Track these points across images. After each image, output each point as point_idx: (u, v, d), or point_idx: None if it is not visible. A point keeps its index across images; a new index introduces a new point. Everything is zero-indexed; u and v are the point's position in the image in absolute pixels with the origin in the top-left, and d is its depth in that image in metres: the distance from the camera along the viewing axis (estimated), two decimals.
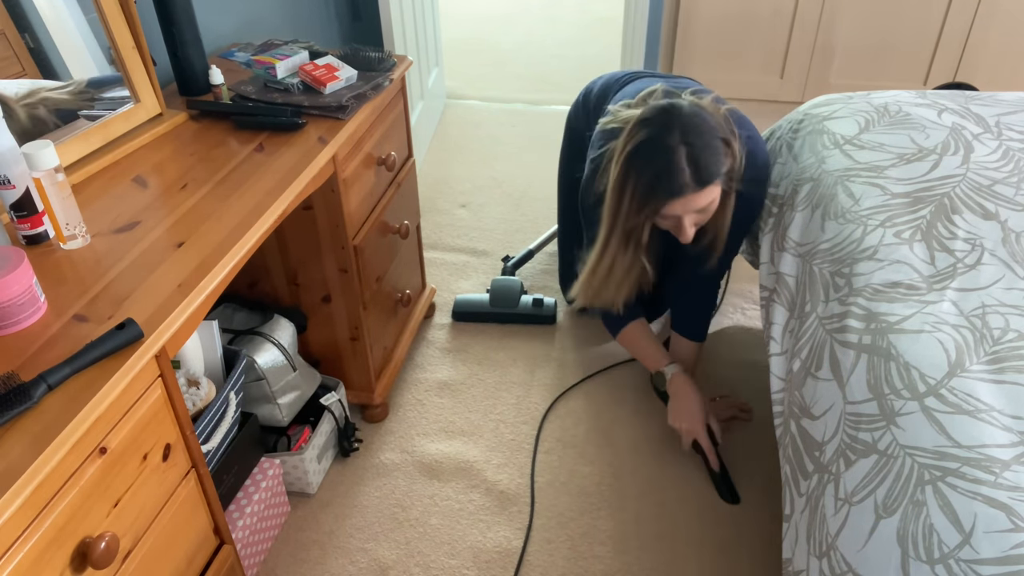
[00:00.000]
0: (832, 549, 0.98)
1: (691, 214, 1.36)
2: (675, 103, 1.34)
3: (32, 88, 1.21)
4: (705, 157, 1.30)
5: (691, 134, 1.30)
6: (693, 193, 1.32)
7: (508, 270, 2.22)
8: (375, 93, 1.54)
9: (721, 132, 1.34)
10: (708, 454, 1.59)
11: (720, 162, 1.33)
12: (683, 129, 1.30)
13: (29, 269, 0.91)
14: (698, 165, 1.30)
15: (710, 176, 1.31)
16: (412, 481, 1.64)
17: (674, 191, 1.31)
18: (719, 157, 1.32)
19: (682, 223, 1.38)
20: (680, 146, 1.29)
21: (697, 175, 1.30)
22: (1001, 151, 1.38)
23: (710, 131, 1.32)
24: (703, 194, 1.33)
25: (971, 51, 2.77)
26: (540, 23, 4.32)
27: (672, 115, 1.31)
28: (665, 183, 1.31)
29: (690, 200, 1.33)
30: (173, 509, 1.01)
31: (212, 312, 1.61)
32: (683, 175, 1.30)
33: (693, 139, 1.30)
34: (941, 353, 1.04)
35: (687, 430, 1.62)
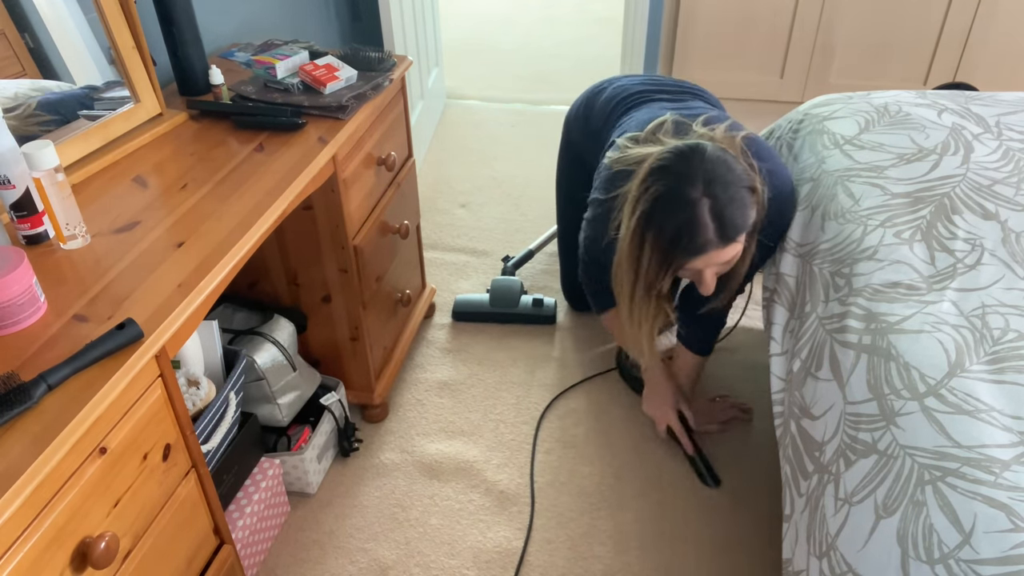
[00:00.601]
0: (832, 549, 0.98)
1: (713, 267, 1.28)
2: (695, 147, 1.22)
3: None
4: (730, 211, 1.19)
5: (715, 185, 1.18)
6: (716, 250, 1.22)
7: (508, 270, 2.22)
8: (375, 93, 1.54)
9: (747, 180, 1.22)
10: (681, 438, 1.62)
11: (746, 215, 1.21)
12: (706, 179, 1.18)
13: (29, 269, 0.91)
14: (723, 220, 1.19)
15: (736, 231, 1.21)
16: (412, 481, 1.64)
17: (697, 249, 1.21)
18: (745, 210, 1.21)
19: (703, 276, 1.29)
20: (703, 199, 1.18)
21: (722, 231, 1.20)
22: (1001, 151, 1.38)
23: (735, 180, 1.20)
24: (728, 250, 1.23)
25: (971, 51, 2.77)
26: (540, 23, 4.32)
27: (693, 163, 1.19)
28: (687, 241, 1.20)
29: (713, 256, 1.23)
30: (173, 509, 1.01)
31: (212, 312, 1.61)
32: (706, 231, 1.19)
33: (717, 191, 1.18)
34: (941, 353, 1.04)
35: (659, 417, 1.64)
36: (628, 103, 1.60)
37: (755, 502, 1.57)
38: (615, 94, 1.65)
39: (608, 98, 1.66)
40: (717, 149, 1.22)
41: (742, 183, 1.21)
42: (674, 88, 1.63)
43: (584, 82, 3.50)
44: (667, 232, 1.21)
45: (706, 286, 1.30)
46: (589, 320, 2.08)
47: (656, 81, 1.67)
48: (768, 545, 1.48)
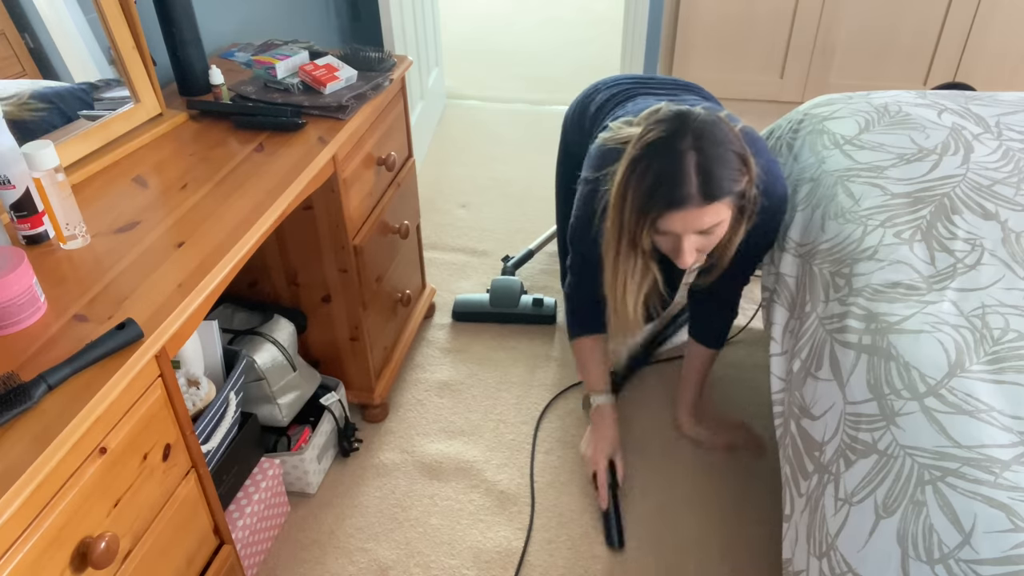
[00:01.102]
0: (832, 549, 0.98)
1: (693, 235, 1.20)
2: (689, 109, 1.20)
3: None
4: (717, 169, 1.15)
5: (703, 140, 1.15)
6: (697, 207, 1.16)
7: (508, 270, 2.22)
8: (375, 93, 1.54)
9: (738, 147, 1.19)
10: (600, 490, 1.54)
11: (733, 178, 1.17)
12: (696, 134, 1.15)
13: (29, 269, 0.91)
14: (707, 176, 1.14)
15: (719, 190, 1.15)
16: (412, 481, 1.64)
17: (675, 200, 1.16)
18: (732, 172, 1.17)
19: (681, 244, 1.21)
20: (690, 151, 1.14)
21: (705, 187, 1.15)
22: (1001, 151, 1.38)
23: (725, 142, 1.17)
24: (708, 211, 1.17)
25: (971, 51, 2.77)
26: (540, 23, 4.32)
27: (686, 119, 1.17)
28: (667, 189, 1.15)
29: (692, 215, 1.16)
30: (173, 509, 1.01)
31: (212, 312, 1.61)
32: (689, 184, 1.14)
33: (705, 146, 1.15)
34: (941, 353, 1.04)
35: (591, 460, 1.58)
36: (620, 98, 1.58)
37: (755, 502, 1.57)
38: (608, 94, 1.64)
39: (601, 99, 1.65)
40: (712, 114, 1.20)
41: (732, 147, 1.18)
42: (669, 84, 1.62)
43: (584, 82, 3.50)
44: (649, 177, 1.17)
45: (683, 258, 1.22)
46: None
47: (650, 78, 1.66)
48: (768, 545, 1.48)
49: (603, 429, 1.60)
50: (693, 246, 1.22)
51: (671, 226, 1.19)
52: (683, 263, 1.23)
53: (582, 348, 1.64)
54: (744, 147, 1.21)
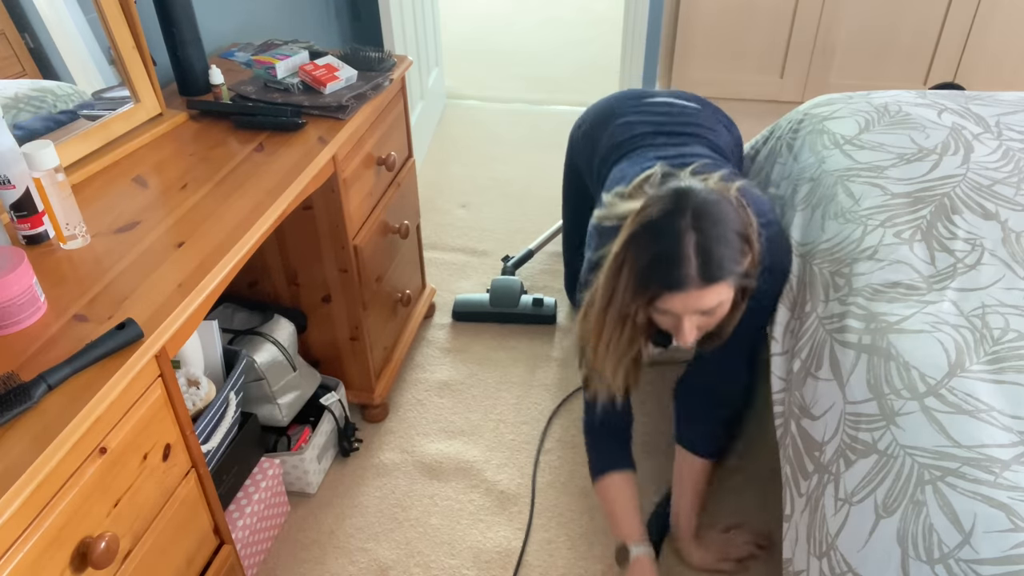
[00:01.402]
0: (832, 549, 0.98)
1: (693, 315, 1.15)
2: (689, 186, 1.15)
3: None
4: (718, 250, 1.10)
5: (703, 220, 1.10)
6: (697, 289, 1.10)
7: (508, 270, 2.22)
8: (375, 93, 1.54)
9: (740, 226, 1.14)
10: None
11: (735, 259, 1.12)
12: (696, 213, 1.10)
13: (29, 269, 0.91)
14: (708, 257, 1.09)
15: (720, 273, 1.10)
16: (412, 481, 1.64)
17: (674, 282, 1.10)
18: (734, 253, 1.12)
19: (682, 324, 1.16)
20: (690, 231, 1.09)
21: (705, 269, 1.09)
22: (1001, 151, 1.38)
23: (726, 221, 1.12)
24: (709, 293, 1.11)
25: (971, 51, 2.77)
26: (540, 23, 4.32)
27: (686, 197, 1.12)
28: (664, 270, 1.11)
29: (692, 297, 1.11)
30: (173, 509, 1.01)
31: (212, 312, 1.61)
32: (688, 265, 1.09)
33: (705, 226, 1.10)
34: (941, 353, 1.04)
35: None
36: (624, 148, 1.51)
37: (755, 502, 1.57)
38: (617, 135, 1.56)
39: (611, 135, 1.58)
40: (712, 191, 1.15)
41: (733, 226, 1.13)
42: (679, 126, 1.53)
43: (584, 82, 3.50)
44: (646, 256, 1.12)
45: (684, 337, 1.17)
46: None
47: (661, 117, 1.56)
48: (769, 545, 1.48)
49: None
50: (693, 325, 1.16)
51: (671, 306, 1.14)
52: (685, 342, 1.18)
53: (609, 488, 1.40)
54: (748, 223, 1.16)
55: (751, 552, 1.45)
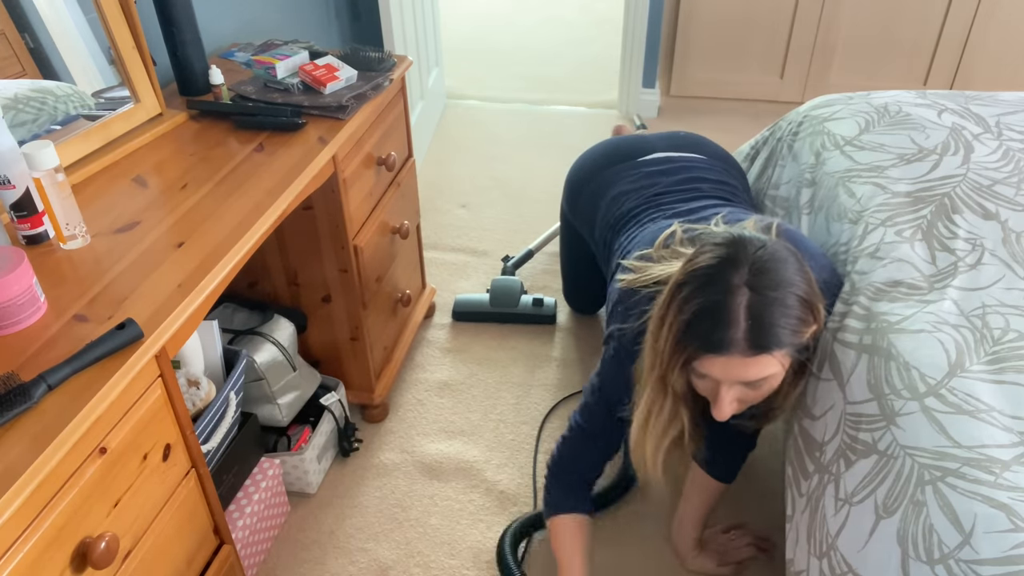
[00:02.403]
0: (832, 549, 0.98)
1: (734, 385, 1.01)
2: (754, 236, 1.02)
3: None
4: (773, 315, 0.96)
5: (763, 278, 0.96)
6: (742, 356, 0.96)
7: (508, 270, 2.22)
8: (375, 93, 1.54)
9: (803, 288, 0.99)
10: None
11: (793, 329, 0.98)
12: (755, 269, 0.97)
13: (29, 269, 0.91)
14: (759, 322, 0.95)
15: (772, 341, 0.96)
16: (412, 481, 1.64)
17: (716, 343, 0.97)
18: (793, 322, 0.97)
19: (720, 392, 1.02)
20: (743, 288, 0.96)
21: (754, 334, 0.95)
22: (1001, 151, 1.38)
23: (789, 284, 0.97)
24: (756, 363, 0.97)
25: (971, 51, 2.77)
26: (540, 23, 4.32)
27: (745, 247, 0.99)
28: (708, 328, 0.97)
29: (736, 364, 0.97)
30: (173, 509, 1.01)
31: (212, 312, 1.61)
32: (735, 327, 0.95)
33: (764, 286, 0.96)
34: (941, 353, 1.04)
35: None
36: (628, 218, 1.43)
37: (756, 502, 1.57)
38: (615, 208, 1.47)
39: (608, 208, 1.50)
40: (776, 244, 1.01)
41: (796, 290, 0.98)
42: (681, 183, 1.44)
43: (584, 82, 3.50)
44: (691, 309, 0.98)
45: (720, 409, 1.03)
46: (589, 320, 2.08)
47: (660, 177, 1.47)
48: (770, 547, 1.48)
49: None
50: (734, 396, 1.02)
51: (709, 370, 1.00)
52: (719, 415, 1.04)
53: (563, 529, 1.30)
54: (812, 289, 1.01)
55: (751, 554, 1.44)
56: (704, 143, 1.59)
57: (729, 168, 1.55)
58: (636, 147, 1.57)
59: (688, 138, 1.59)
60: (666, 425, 1.12)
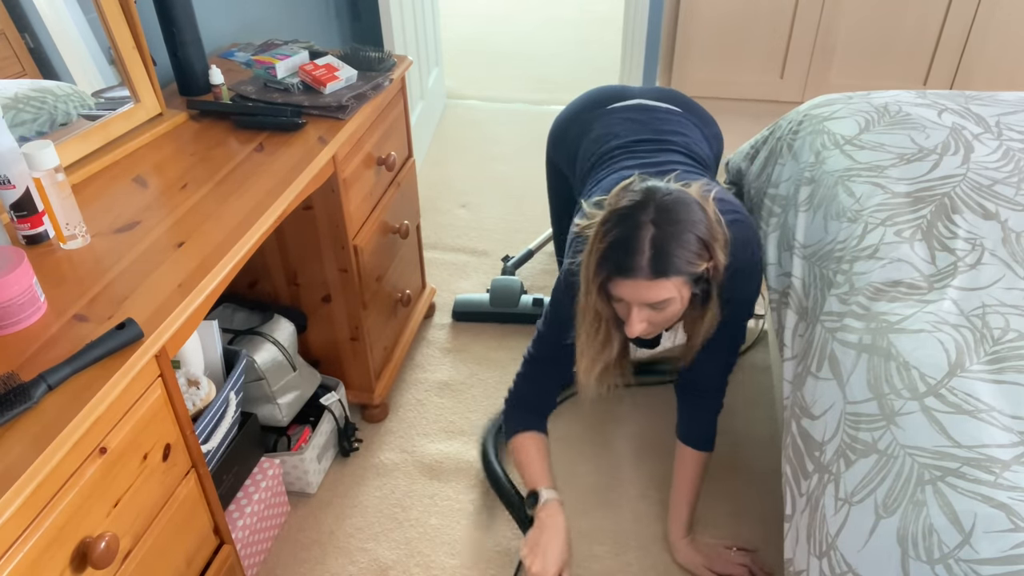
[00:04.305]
0: (832, 549, 0.98)
1: (642, 307, 1.20)
2: (663, 185, 1.22)
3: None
4: (671, 247, 1.15)
5: (665, 217, 1.16)
6: (645, 280, 1.16)
7: (508, 270, 2.22)
8: (375, 93, 1.54)
9: (703, 231, 1.18)
10: None
11: (687, 260, 1.16)
12: (659, 209, 1.17)
13: (29, 269, 0.91)
14: (659, 252, 1.15)
15: (669, 269, 1.15)
16: (412, 481, 1.64)
17: (624, 268, 1.17)
18: (687, 254, 1.16)
19: (630, 313, 1.21)
20: (648, 225, 1.16)
21: (654, 262, 1.15)
22: (1001, 151, 1.38)
23: (689, 224, 1.17)
24: (657, 286, 1.16)
25: (971, 51, 2.77)
26: (540, 23, 4.32)
27: (654, 194, 1.19)
28: (618, 255, 1.17)
29: (641, 287, 1.17)
30: (173, 509, 1.01)
31: (212, 312, 1.61)
32: (640, 256, 1.15)
33: (665, 223, 1.16)
34: (941, 353, 1.04)
35: (536, 573, 1.33)
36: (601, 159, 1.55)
37: (755, 502, 1.57)
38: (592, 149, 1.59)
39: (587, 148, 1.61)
40: (684, 193, 1.20)
41: (695, 230, 1.17)
42: (654, 134, 1.55)
43: (584, 82, 3.50)
44: (607, 240, 1.19)
45: (631, 327, 1.22)
46: None
47: (636, 125, 1.58)
48: (769, 545, 1.48)
49: (553, 535, 1.37)
50: (642, 317, 1.21)
51: (620, 293, 1.20)
52: (629, 332, 1.23)
53: (522, 444, 1.49)
54: (714, 234, 1.20)
55: (740, 574, 1.41)
56: (682, 98, 1.71)
57: (701, 124, 1.66)
58: (621, 94, 1.71)
59: (670, 92, 1.72)
60: (600, 346, 1.32)
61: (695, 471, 1.48)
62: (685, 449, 1.49)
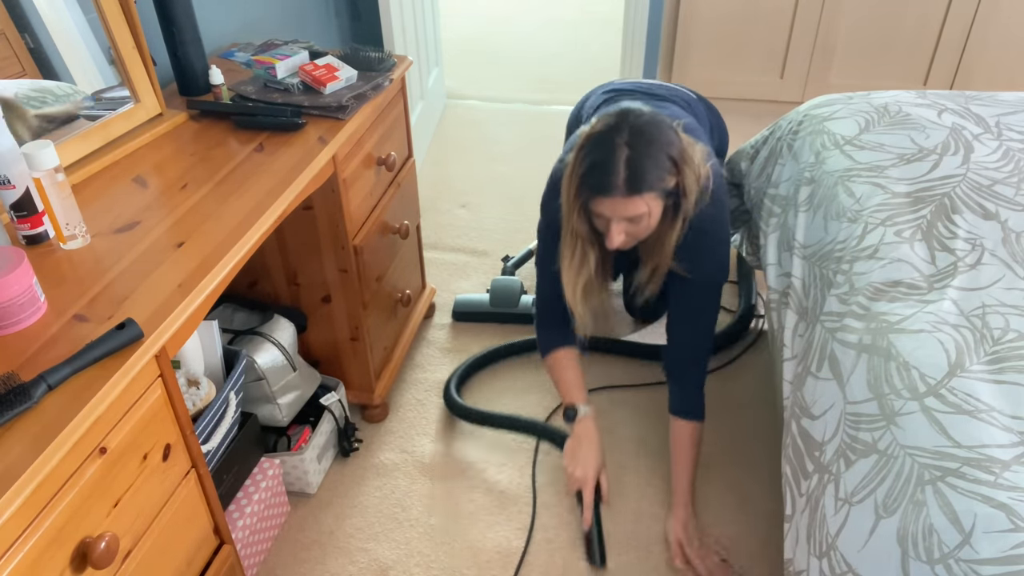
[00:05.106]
0: (832, 549, 0.98)
1: (620, 221, 1.31)
2: (636, 108, 1.30)
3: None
4: (644, 165, 1.25)
5: (638, 138, 1.26)
6: (622, 197, 1.26)
7: (508, 270, 2.22)
8: (375, 93, 1.54)
9: (675, 151, 1.28)
10: (585, 511, 1.48)
11: (659, 176, 1.27)
12: (632, 131, 1.26)
13: (29, 269, 0.91)
14: (633, 170, 1.25)
15: (640, 185, 1.25)
16: (412, 481, 1.64)
17: (602, 188, 1.27)
18: (660, 172, 1.26)
19: (610, 228, 1.32)
20: (623, 146, 1.26)
21: (629, 180, 1.25)
22: (1001, 151, 1.38)
23: (661, 144, 1.27)
24: (633, 202, 1.27)
25: (971, 51, 2.77)
26: (540, 23, 4.32)
27: (627, 116, 1.28)
28: (596, 177, 1.28)
29: (619, 203, 1.27)
30: (173, 509, 1.01)
31: (212, 312, 1.61)
32: (616, 176, 1.25)
33: (638, 144, 1.25)
34: (941, 353, 1.04)
35: (578, 478, 1.50)
36: (606, 99, 1.66)
37: (755, 502, 1.57)
38: (596, 102, 1.70)
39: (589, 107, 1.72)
40: (658, 115, 1.29)
41: (667, 149, 1.27)
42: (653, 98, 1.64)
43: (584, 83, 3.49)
44: (585, 164, 1.29)
45: (611, 239, 1.33)
46: None
47: (637, 85, 1.70)
48: (768, 545, 1.48)
49: (589, 444, 1.53)
50: (621, 230, 1.32)
51: (600, 210, 1.31)
52: (610, 244, 1.34)
53: (556, 361, 1.62)
54: (684, 153, 1.30)
55: (707, 570, 1.42)
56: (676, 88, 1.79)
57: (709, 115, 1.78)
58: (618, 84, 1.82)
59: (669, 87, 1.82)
60: (579, 264, 1.44)
61: (690, 441, 1.54)
62: (677, 421, 1.55)
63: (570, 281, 1.46)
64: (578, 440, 1.54)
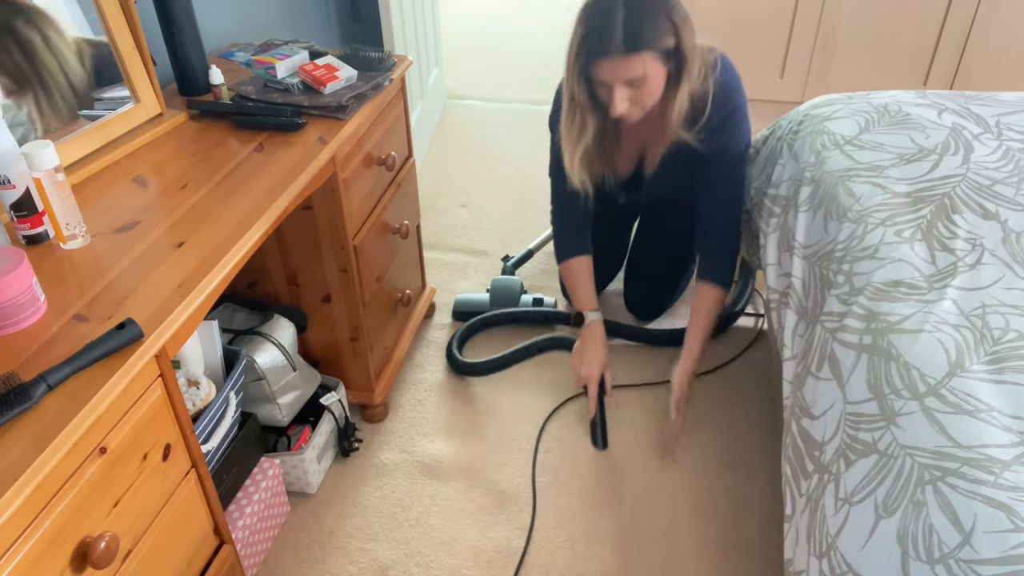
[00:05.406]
0: (832, 549, 0.98)
1: (622, 85, 1.35)
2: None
3: None
4: (641, 23, 1.29)
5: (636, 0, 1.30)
6: (620, 57, 1.30)
7: (508, 270, 2.22)
8: (375, 93, 1.54)
9: (673, 13, 1.32)
10: (591, 402, 1.69)
11: (656, 34, 1.31)
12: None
13: (29, 269, 0.91)
14: (630, 29, 1.29)
15: (638, 43, 1.30)
16: (412, 481, 1.64)
17: (601, 50, 1.31)
18: (656, 30, 1.31)
19: (613, 93, 1.36)
20: (620, 8, 1.30)
21: (627, 40, 1.29)
22: (1001, 151, 1.38)
23: (659, 3, 1.31)
24: (631, 61, 1.31)
25: (971, 51, 2.77)
26: (541, 23, 4.32)
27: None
28: (595, 40, 1.32)
29: (617, 64, 1.32)
30: (173, 509, 1.01)
31: (212, 312, 1.61)
32: (614, 37, 1.29)
33: (635, 4, 1.30)
34: (941, 353, 1.04)
35: (584, 375, 1.69)
36: None
37: (755, 502, 1.57)
38: None
39: None
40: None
41: (664, 8, 1.31)
42: None
43: None
44: (584, 28, 1.34)
45: (615, 106, 1.37)
46: None
47: None
48: (768, 545, 1.48)
49: (594, 345, 1.71)
50: (624, 96, 1.36)
51: (600, 74, 1.35)
52: (614, 111, 1.38)
53: (571, 269, 1.77)
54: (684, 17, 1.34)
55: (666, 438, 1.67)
56: None
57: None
58: None
59: None
60: (578, 132, 1.50)
61: (713, 304, 1.65)
62: (705, 286, 1.66)
63: (569, 149, 1.52)
64: (584, 341, 1.72)
